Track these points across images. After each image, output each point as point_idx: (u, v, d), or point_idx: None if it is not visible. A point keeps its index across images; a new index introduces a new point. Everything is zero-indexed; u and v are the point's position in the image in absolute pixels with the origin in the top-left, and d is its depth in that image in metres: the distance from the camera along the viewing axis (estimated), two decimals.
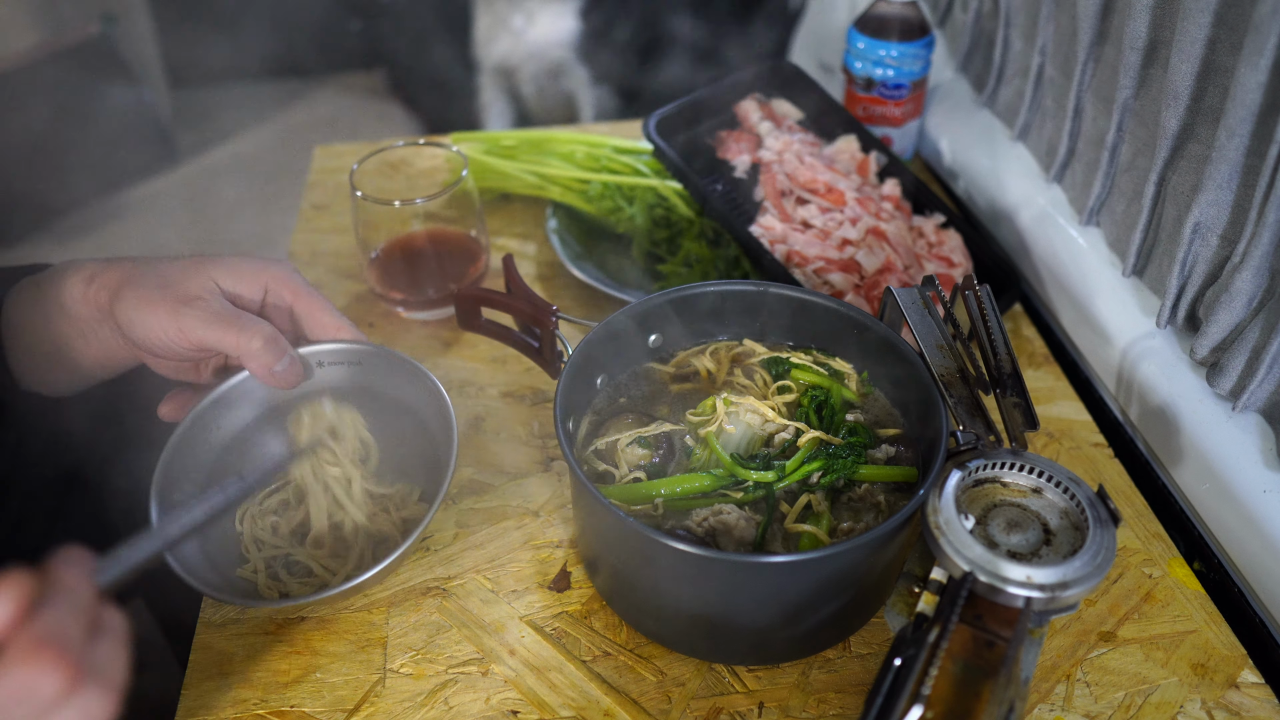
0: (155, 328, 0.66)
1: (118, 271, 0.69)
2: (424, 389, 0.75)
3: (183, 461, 0.71)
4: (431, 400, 0.75)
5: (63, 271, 0.70)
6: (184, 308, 0.66)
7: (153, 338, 0.67)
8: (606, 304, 1.02)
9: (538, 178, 1.11)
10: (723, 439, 0.72)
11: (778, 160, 1.04)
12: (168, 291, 0.67)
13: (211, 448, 0.74)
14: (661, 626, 0.70)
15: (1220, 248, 0.77)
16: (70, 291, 0.68)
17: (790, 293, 0.79)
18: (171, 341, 0.67)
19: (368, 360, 0.77)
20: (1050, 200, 1.01)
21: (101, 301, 0.68)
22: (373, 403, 0.78)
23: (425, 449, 0.77)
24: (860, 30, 1.13)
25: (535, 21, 2.42)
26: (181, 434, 0.71)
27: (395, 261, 0.99)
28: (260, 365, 0.69)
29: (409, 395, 0.77)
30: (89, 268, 0.69)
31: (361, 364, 0.77)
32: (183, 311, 0.66)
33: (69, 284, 0.69)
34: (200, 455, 0.73)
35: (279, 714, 0.67)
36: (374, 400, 0.78)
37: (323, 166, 1.26)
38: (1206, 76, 0.75)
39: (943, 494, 0.63)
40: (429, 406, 0.76)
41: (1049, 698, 0.68)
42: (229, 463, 0.75)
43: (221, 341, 0.67)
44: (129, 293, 0.67)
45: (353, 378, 0.78)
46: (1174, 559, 0.78)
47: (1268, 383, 0.74)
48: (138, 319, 0.66)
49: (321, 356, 0.76)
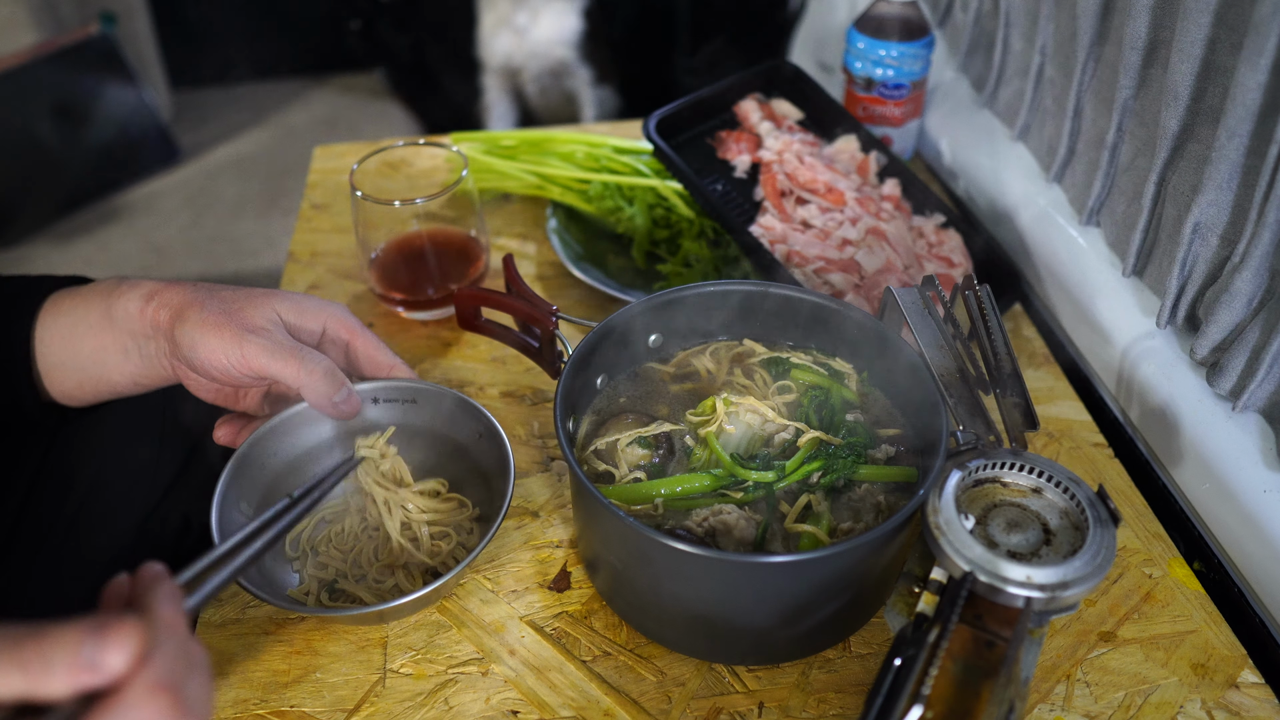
0: (219, 351, 0.68)
1: (181, 293, 0.70)
2: (477, 424, 0.76)
3: (239, 486, 0.72)
4: (487, 436, 0.76)
5: (115, 286, 0.72)
6: (250, 335, 0.68)
7: (214, 361, 0.68)
8: (606, 304, 1.02)
9: (538, 178, 1.11)
10: (723, 439, 0.72)
11: (778, 160, 1.04)
12: (233, 319, 0.69)
13: (266, 473, 0.75)
14: (661, 626, 0.70)
15: (1220, 248, 0.77)
16: (125, 306, 0.70)
17: (790, 293, 0.79)
18: (232, 367, 0.68)
19: (422, 398, 0.78)
20: (1050, 200, 1.01)
21: (161, 320, 0.70)
22: (427, 439, 0.79)
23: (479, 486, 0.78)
24: (860, 30, 1.13)
25: (539, 20, 2.42)
26: (239, 458, 0.72)
27: (395, 261, 0.99)
28: (321, 396, 0.70)
29: (462, 432, 0.78)
30: (147, 285, 0.71)
31: (416, 401, 0.78)
32: (248, 339, 0.68)
33: (125, 299, 0.70)
34: (256, 480, 0.74)
35: (279, 714, 0.67)
36: (428, 437, 0.79)
37: (323, 166, 1.26)
38: (1206, 76, 0.75)
39: (943, 494, 0.63)
40: (483, 443, 0.77)
41: (1049, 698, 0.68)
42: (282, 489, 0.76)
43: (283, 372, 0.69)
44: (194, 314, 0.69)
45: (406, 414, 0.79)
46: (1174, 559, 0.78)
47: (1268, 383, 0.74)
48: (201, 341, 0.68)
49: (377, 393, 0.77)
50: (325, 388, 0.70)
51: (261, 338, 0.68)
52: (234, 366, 0.68)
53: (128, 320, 0.70)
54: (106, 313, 0.71)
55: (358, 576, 0.74)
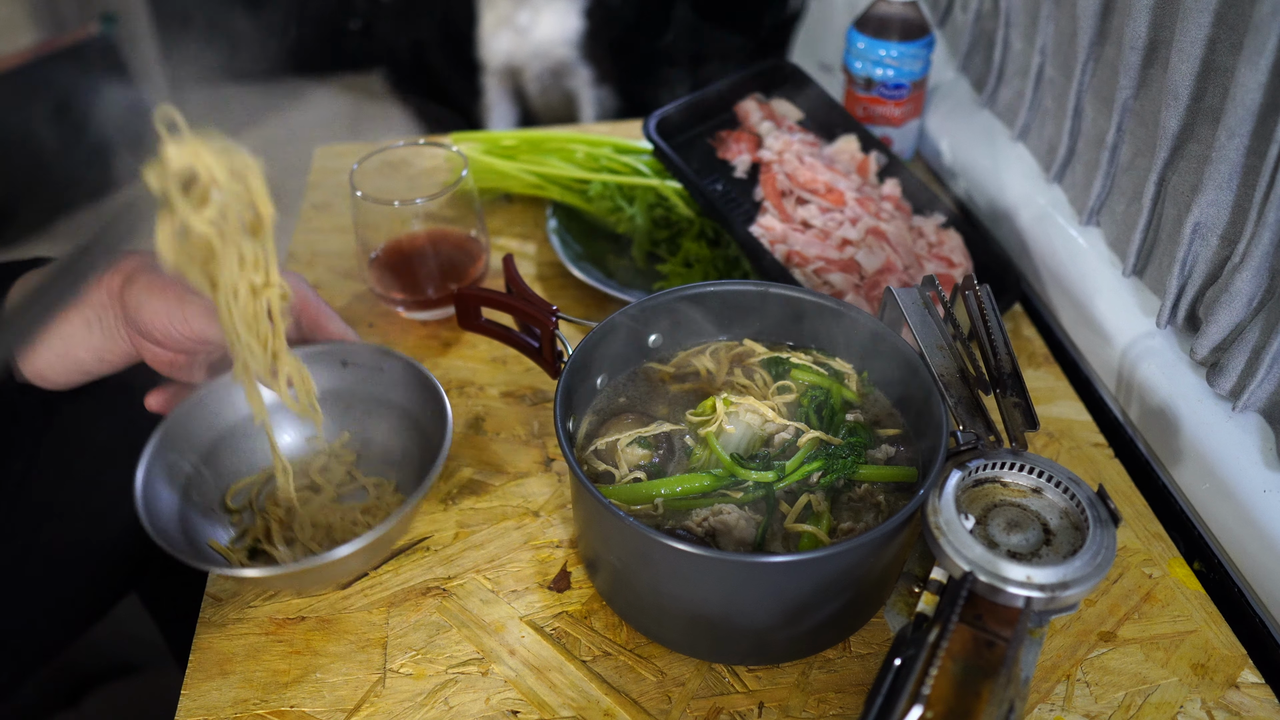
0: (161, 313, 0.67)
1: (137, 258, 0.69)
2: (420, 386, 0.75)
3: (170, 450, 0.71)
4: (429, 398, 0.75)
5: None
6: (191, 296, 0.67)
7: (156, 324, 0.67)
8: (606, 304, 1.02)
9: (538, 178, 1.11)
10: (723, 439, 0.72)
11: (778, 160, 1.04)
12: (179, 282, 0.67)
13: (200, 440, 0.74)
14: (661, 626, 0.70)
15: (1220, 248, 0.77)
16: None
17: (790, 293, 0.79)
18: (173, 329, 0.67)
19: (361, 358, 0.77)
20: (1050, 200, 1.01)
21: (114, 286, 0.69)
22: (367, 403, 0.78)
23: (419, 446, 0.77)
24: (860, 30, 1.13)
25: (541, 19, 2.41)
26: (171, 423, 0.72)
27: (395, 261, 0.99)
28: None
29: (404, 396, 0.77)
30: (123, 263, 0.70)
31: (358, 364, 0.77)
32: (189, 301, 0.66)
33: None
34: (189, 444, 0.73)
35: (279, 714, 0.67)
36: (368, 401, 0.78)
37: (323, 166, 1.26)
38: (1206, 76, 0.75)
39: (943, 494, 0.63)
40: (426, 405, 0.76)
41: (1049, 698, 0.68)
42: (219, 456, 0.75)
43: (220, 336, 0.67)
44: (143, 277, 0.67)
45: (344, 377, 0.77)
46: (1174, 559, 0.78)
47: (1268, 383, 0.74)
48: (145, 304, 0.67)
49: (318, 357, 0.76)
50: None
51: (204, 299, 0.66)
52: (175, 329, 0.67)
53: (88, 291, 0.69)
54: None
55: (289, 540, 0.72)
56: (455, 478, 0.84)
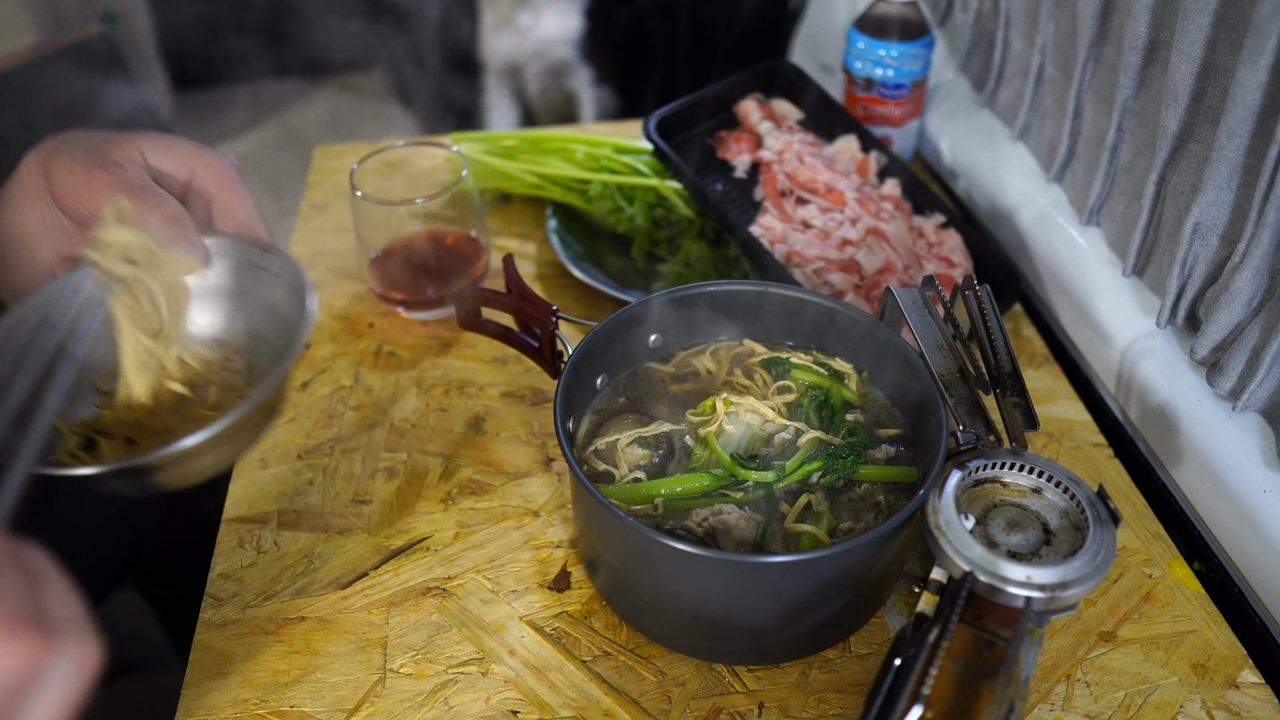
0: (70, 185, 0.64)
1: (62, 137, 0.67)
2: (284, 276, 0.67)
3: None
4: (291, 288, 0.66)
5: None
6: (99, 170, 0.64)
7: (66, 196, 0.65)
8: (606, 304, 1.02)
9: (538, 178, 1.11)
10: (723, 439, 0.72)
11: (778, 160, 1.04)
12: (92, 156, 0.65)
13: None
14: (661, 626, 0.70)
15: (1220, 248, 0.77)
16: (26, 164, 0.67)
17: (790, 293, 0.79)
18: (80, 203, 0.64)
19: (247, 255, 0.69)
20: (1050, 200, 1.01)
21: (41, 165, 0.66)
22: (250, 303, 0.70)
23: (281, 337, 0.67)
24: (860, 30, 1.13)
25: (541, 19, 2.42)
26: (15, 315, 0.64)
27: (395, 261, 0.99)
28: None
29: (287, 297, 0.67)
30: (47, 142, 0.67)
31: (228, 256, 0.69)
32: (96, 174, 0.64)
33: (25, 160, 0.67)
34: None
35: (279, 714, 0.67)
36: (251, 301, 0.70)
37: (323, 166, 1.26)
38: (1206, 76, 0.75)
39: (943, 494, 0.63)
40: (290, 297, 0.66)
41: (1049, 698, 0.68)
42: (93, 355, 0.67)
43: None
44: (64, 152, 0.65)
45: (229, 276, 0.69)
46: (1174, 559, 0.78)
47: (1268, 383, 0.74)
48: (57, 178, 0.65)
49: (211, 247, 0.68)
50: (162, 234, 0.64)
51: (110, 173, 0.63)
52: (81, 202, 0.64)
53: (29, 178, 0.66)
54: (19, 179, 0.67)
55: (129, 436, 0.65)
56: (455, 478, 0.84)
